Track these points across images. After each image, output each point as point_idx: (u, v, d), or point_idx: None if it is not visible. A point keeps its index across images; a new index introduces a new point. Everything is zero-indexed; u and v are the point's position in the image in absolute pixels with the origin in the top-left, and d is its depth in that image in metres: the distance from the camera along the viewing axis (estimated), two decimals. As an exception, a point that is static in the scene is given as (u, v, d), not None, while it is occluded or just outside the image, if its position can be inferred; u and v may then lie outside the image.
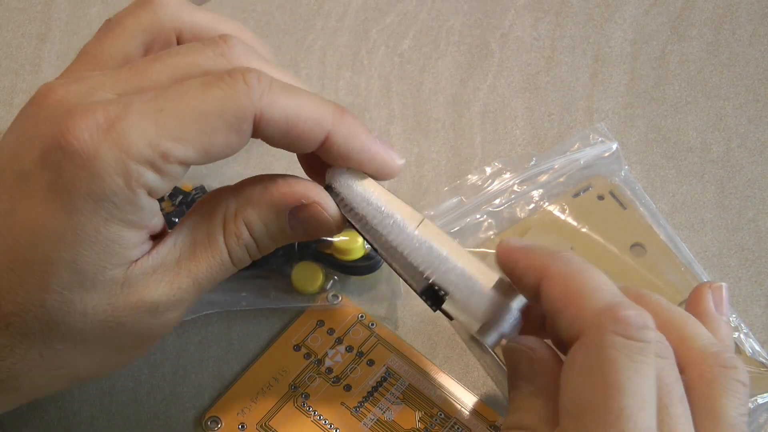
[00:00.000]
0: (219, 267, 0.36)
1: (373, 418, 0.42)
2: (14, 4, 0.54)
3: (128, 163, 0.33)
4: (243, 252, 0.37)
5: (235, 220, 0.36)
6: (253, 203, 0.36)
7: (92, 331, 0.35)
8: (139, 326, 0.36)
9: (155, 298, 0.35)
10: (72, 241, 0.33)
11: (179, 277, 0.36)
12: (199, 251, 0.36)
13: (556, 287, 0.35)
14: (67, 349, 0.35)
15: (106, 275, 0.34)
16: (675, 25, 0.54)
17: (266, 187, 0.36)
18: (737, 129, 0.51)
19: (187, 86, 0.34)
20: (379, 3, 0.55)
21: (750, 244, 0.47)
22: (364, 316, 0.44)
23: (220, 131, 0.34)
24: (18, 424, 0.42)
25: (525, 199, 0.47)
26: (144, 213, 0.34)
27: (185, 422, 0.43)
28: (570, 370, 0.33)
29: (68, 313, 0.34)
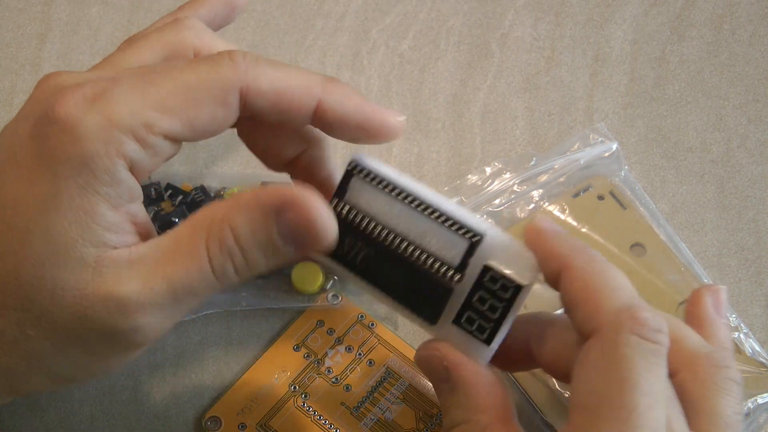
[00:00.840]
0: (197, 274, 0.34)
1: (373, 418, 0.42)
2: (14, 4, 0.54)
3: (111, 130, 0.33)
4: (226, 261, 0.34)
5: (220, 223, 0.34)
6: (241, 207, 0.35)
7: (62, 318, 0.34)
8: (107, 324, 0.34)
9: (124, 294, 0.34)
10: (49, 206, 0.33)
11: (153, 278, 0.34)
12: (178, 255, 0.34)
13: (576, 281, 0.35)
14: (39, 338, 0.34)
15: (77, 251, 0.34)
16: (675, 25, 0.54)
17: (257, 194, 0.35)
18: (737, 129, 0.51)
19: (174, 62, 0.35)
20: (379, 3, 0.55)
21: (750, 244, 0.47)
22: (364, 316, 0.45)
23: (205, 103, 0.34)
24: (18, 424, 0.42)
25: (525, 199, 0.47)
26: (122, 188, 0.34)
27: (185, 422, 0.43)
28: (584, 365, 0.34)
29: (39, 289, 0.34)
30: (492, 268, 0.35)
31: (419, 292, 0.36)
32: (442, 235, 0.36)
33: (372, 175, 0.37)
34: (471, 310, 0.36)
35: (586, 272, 0.35)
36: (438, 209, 0.36)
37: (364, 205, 0.37)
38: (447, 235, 0.36)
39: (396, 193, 0.37)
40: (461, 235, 0.36)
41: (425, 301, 0.36)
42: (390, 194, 0.37)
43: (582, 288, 0.34)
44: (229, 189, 0.46)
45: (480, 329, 0.36)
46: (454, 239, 0.36)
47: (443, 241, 0.36)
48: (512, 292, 0.35)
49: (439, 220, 0.36)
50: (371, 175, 0.37)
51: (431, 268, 0.36)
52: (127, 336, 0.34)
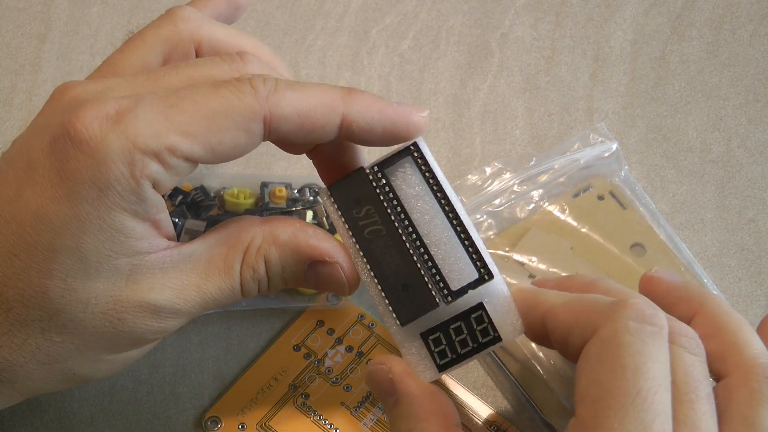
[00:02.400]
0: (228, 293, 0.37)
1: (373, 418, 0.42)
2: (14, 4, 0.54)
3: (134, 153, 0.33)
4: (254, 285, 0.37)
5: (257, 254, 0.37)
6: (279, 244, 0.37)
7: (92, 324, 0.35)
8: (138, 326, 0.36)
9: (159, 302, 0.35)
10: (76, 228, 0.34)
11: (187, 289, 0.36)
12: (212, 272, 0.36)
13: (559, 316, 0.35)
14: (64, 342, 0.35)
15: (111, 264, 0.34)
16: (675, 25, 0.54)
17: (296, 234, 0.37)
18: (737, 129, 0.51)
19: (197, 87, 0.35)
20: (379, 3, 0.55)
21: (750, 244, 0.47)
22: (364, 316, 0.45)
23: (227, 130, 0.34)
24: (18, 424, 0.42)
25: (525, 199, 0.47)
26: (147, 205, 0.34)
27: (185, 422, 0.43)
28: (584, 362, 0.34)
29: (70, 301, 0.34)
30: (485, 310, 0.36)
31: (406, 292, 0.37)
32: (458, 255, 0.37)
33: (424, 163, 0.37)
34: (443, 333, 0.37)
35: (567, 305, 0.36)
36: (466, 228, 0.37)
37: (401, 185, 0.38)
38: (463, 257, 0.37)
39: (436, 190, 0.37)
40: (475, 266, 0.37)
41: (407, 303, 0.37)
42: (430, 189, 0.37)
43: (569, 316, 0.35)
44: (229, 189, 0.46)
45: (441, 354, 0.37)
46: (467, 265, 0.37)
47: (456, 260, 0.37)
48: (490, 340, 0.36)
49: (462, 238, 0.37)
50: (423, 163, 0.37)
51: (431, 277, 0.37)
52: (156, 335, 0.36)
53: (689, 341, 0.34)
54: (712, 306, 0.37)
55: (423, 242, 0.37)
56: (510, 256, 0.45)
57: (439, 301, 0.36)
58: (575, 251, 0.46)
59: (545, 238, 0.46)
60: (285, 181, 0.46)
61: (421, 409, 0.36)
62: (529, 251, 0.45)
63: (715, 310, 0.37)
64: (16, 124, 0.50)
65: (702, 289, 0.38)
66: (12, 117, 0.50)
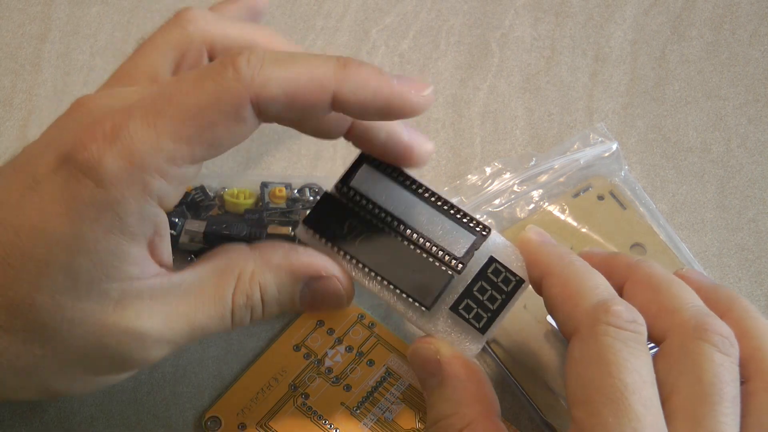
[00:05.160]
0: (217, 321, 0.37)
1: (373, 418, 0.42)
2: (14, 4, 0.54)
3: (133, 172, 0.33)
4: (246, 313, 0.37)
5: (250, 280, 0.37)
6: (273, 267, 0.37)
7: (75, 343, 0.35)
8: (121, 352, 0.35)
9: (145, 329, 0.35)
10: (71, 246, 0.33)
11: (175, 318, 0.36)
12: (202, 300, 0.36)
13: (555, 286, 0.36)
14: (45, 357, 0.35)
15: (101, 287, 0.34)
16: (675, 25, 0.54)
17: (288, 255, 0.37)
18: (737, 129, 0.51)
19: (181, 83, 0.34)
20: (379, 3, 0.55)
21: (750, 244, 0.47)
22: (364, 316, 0.44)
23: (219, 123, 0.34)
24: (17, 424, 0.42)
25: (525, 199, 0.47)
26: (147, 224, 0.34)
27: (185, 422, 0.43)
28: (571, 363, 0.34)
29: (56, 318, 0.34)
30: (497, 261, 0.37)
31: (417, 279, 0.37)
32: (450, 227, 0.38)
33: (380, 162, 0.38)
34: (470, 298, 0.37)
35: (563, 276, 0.36)
36: (446, 201, 0.38)
37: (371, 190, 0.38)
38: (455, 228, 0.38)
39: (403, 180, 0.38)
40: (470, 228, 0.38)
41: (423, 288, 0.37)
42: (397, 182, 0.38)
43: (560, 292, 0.36)
44: (229, 189, 0.46)
45: (477, 317, 0.37)
46: (462, 232, 0.38)
47: (451, 232, 0.38)
48: (514, 285, 0.37)
49: (447, 211, 0.38)
50: (379, 163, 0.38)
51: (434, 255, 0.37)
52: (137, 363, 0.36)
53: (722, 340, 0.34)
54: (740, 309, 0.37)
55: (414, 229, 0.38)
56: (510, 256, 0.45)
57: (451, 272, 0.37)
58: (575, 251, 0.46)
59: (545, 238, 0.46)
60: (285, 181, 0.46)
61: (466, 393, 0.36)
62: (529, 251, 0.45)
63: (741, 314, 0.36)
64: (16, 124, 0.50)
65: (731, 291, 0.38)
66: (12, 117, 0.50)
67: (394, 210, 0.38)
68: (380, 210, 0.38)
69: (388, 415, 0.42)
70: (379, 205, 0.38)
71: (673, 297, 0.36)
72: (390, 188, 0.38)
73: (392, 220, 0.38)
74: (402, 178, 0.38)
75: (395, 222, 0.38)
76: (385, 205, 0.38)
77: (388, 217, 0.38)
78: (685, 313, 0.35)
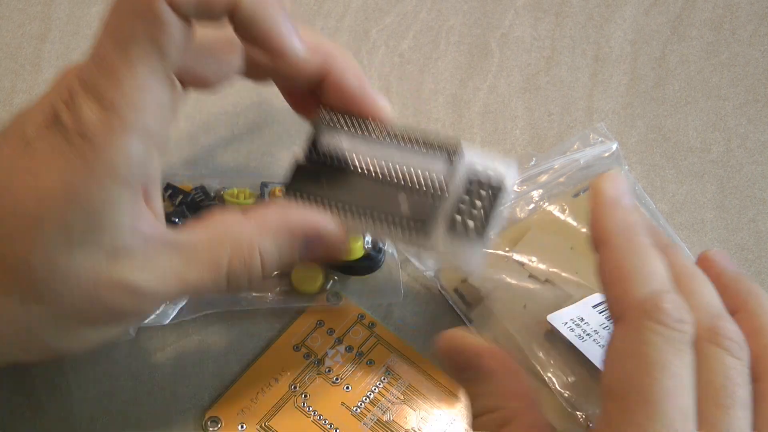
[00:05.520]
0: (211, 283, 0.37)
1: (373, 418, 0.42)
2: (14, 4, 0.54)
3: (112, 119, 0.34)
4: (244, 278, 0.37)
5: (249, 247, 0.37)
6: (270, 231, 0.38)
7: (70, 298, 0.35)
8: (115, 305, 0.36)
9: (138, 283, 0.36)
10: (63, 199, 0.34)
11: (169, 276, 0.36)
12: (196, 262, 0.37)
13: (609, 261, 0.35)
14: (42, 313, 0.36)
15: (95, 239, 0.35)
16: (675, 25, 0.54)
17: (283, 216, 0.38)
18: (737, 129, 0.51)
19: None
20: (379, 3, 0.55)
21: (750, 244, 0.47)
22: (364, 316, 0.44)
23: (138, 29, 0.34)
24: (18, 423, 0.42)
25: (525, 199, 0.47)
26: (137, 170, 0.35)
27: (185, 422, 0.43)
28: (612, 353, 0.34)
29: (51, 273, 0.35)
30: (475, 175, 0.39)
31: (407, 211, 0.39)
32: (422, 155, 0.40)
33: (336, 119, 0.40)
34: (460, 213, 0.39)
35: (621, 253, 0.35)
36: (412, 132, 0.40)
37: (338, 147, 0.40)
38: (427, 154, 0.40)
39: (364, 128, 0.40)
40: (441, 152, 0.39)
41: (416, 217, 0.39)
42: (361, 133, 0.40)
43: (614, 269, 0.35)
44: (229, 189, 0.46)
45: (471, 230, 0.39)
46: (435, 154, 0.40)
47: (425, 159, 0.39)
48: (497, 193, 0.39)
49: (415, 141, 0.40)
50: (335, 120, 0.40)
51: (417, 185, 0.39)
52: (131, 318, 0.37)
53: (732, 344, 0.34)
54: (756, 305, 0.36)
55: (389, 167, 0.39)
56: (510, 256, 0.45)
57: (437, 196, 0.39)
58: (575, 251, 0.46)
59: (545, 238, 0.46)
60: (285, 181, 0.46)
61: (508, 388, 0.36)
62: (529, 251, 0.45)
63: (757, 310, 0.36)
64: (16, 124, 0.50)
65: (750, 285, 0.37)
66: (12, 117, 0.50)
67: (366, 156, 0.40)
68: (354, 160, 0.40)
69: (388, 415, 0.42)
70: (351, 156, 0.40)
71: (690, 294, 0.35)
72: (355, 140, 0.40)
73: (367, 165, 0.39)
74: (362, 129, 0.40)
75: (371, 166, 0.39)
76: (356, 154, 0.40)
77: (362, 164, 0.40)
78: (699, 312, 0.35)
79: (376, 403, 0.42)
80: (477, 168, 0.39)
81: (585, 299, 0.43)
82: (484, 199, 0.39)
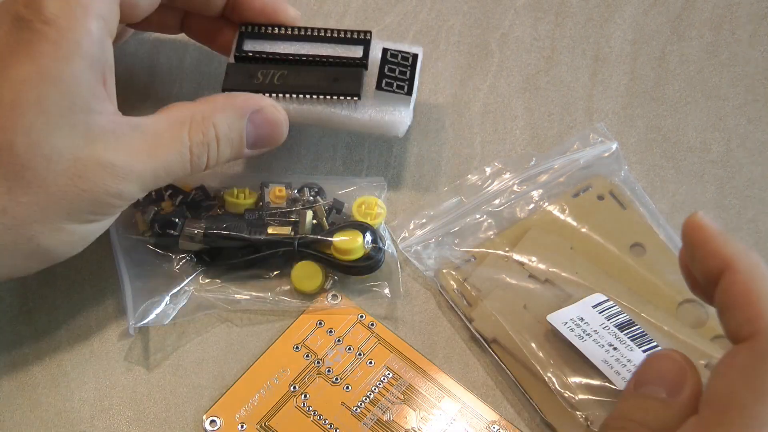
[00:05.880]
0: (178, 159, 0.40)
1: (373, 418, 0.42)
2: (14, 4, 0.54)
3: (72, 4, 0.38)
4: (203, 150, 0.41)
5: (203, 120, 0.41)
6: (219, 108, 0.42)
7: (55, 182, 0.37)
8: (97, 186, 0.38)
9: (115, 161, 0.38)
10: (36, 81, 0.37)
11: (140, 155, 0.39)
12: (161, 140, 0.40)
13: (739, 284, 0.34)
14: (29, 203, 0.37)
15: (70, 119, 0.37)
16: (675, 25, 0.54)
17: (229, 98, 0.43)
18: (737, 129, 0.51)
19: None
20: (379, 3, 0.55)
21: (750, 244, 0.47)
22: (364, 316, 0.45)
23: None
24: (18, 423, 0.42)
25: (525, 199, 0.47)
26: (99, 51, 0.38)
27: (185, 422, 0.43)
28: (727, 365, 0.33)
29: (35, 156, 0.37)
30: (390, 48, 0.46)
31: (338, 83, 0.45)
32: (338, 44, 0.46)
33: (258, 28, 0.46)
34: (385, 78, 0.45)
35: (751, 277, 0.34)
36: (326, 29, 0.46)
37: (263, 47, 0.46)
38: (342, 42, 0.46)
39: (284, 32, 0.46)
40: (356, 39, 0.46)
41: (345, 86, 0.45)
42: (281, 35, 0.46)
43: (744, 292, 0.34)
44: (228, 189, 0.46)
45: (399, 87, 0.45)
46: (350, 43, 0.46)
47: (342, 47, 0.46)
48: (412, 58, 0.46)
49: (331, 35, 0.46)
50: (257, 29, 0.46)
51: (342, 64, 0.46)
52: (112, 200, 0.39)
53: None
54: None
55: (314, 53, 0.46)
56: (510, 256, 0.45)
57: (361, 66, 0.45)
58: (575, 251, 0.46)
59: (545, 238, 0.46)
60: (285, 180, 0.46)
61: None
62: (529, 251, 0.45)
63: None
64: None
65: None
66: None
67: (290, 50, 0.46)
68: (280, 54, 0.46)
69: (388, 415, 0.42)
70: (277, 51, 0.46)
71: None
72: (277, 41, 0.46)
73: (293, 55, 0.46)
74: (281, 32, 0.46)
75: (297, 56, 0.46)
76: (281, 50, 0.46)
77: (289, 56, 0.46)
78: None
79: (376, 403, 0.42)
80: (391, 48, 0.46)
81: (585, 299, 0.43)
82: (402, 65, 0.46)
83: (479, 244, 0.46)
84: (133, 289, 0.44)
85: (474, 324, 0.44)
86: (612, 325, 0.42)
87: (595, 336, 0.42)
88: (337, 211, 0.46)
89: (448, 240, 0.46)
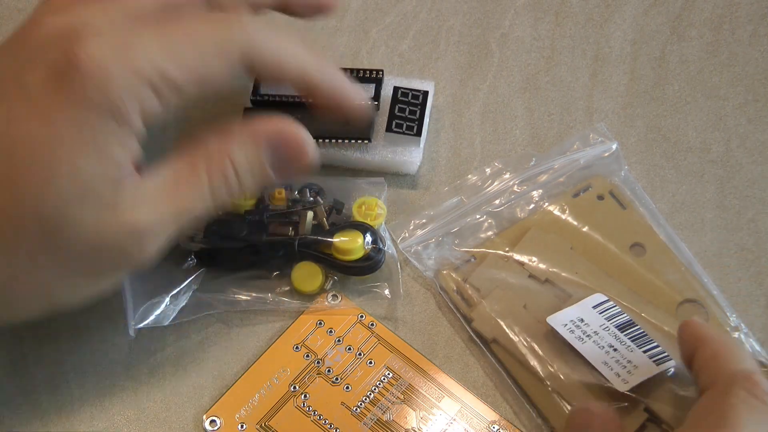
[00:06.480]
0: (198, 198, 0.38)
1: (373, 418, 0.42)
2: (14, 5, 0.54)
3: (133, 80, 0.35)
4: (222, 186, 0.39)
5: (218, 155, 0.38)
6: (234, 139, 0.39)
7: (77, 248, 0.36)
8: (119, 250, 0.37)
9: (138, 221, 0.37)
10: (73, 150, 0.35)
11: (161, 204, 0.37)
12: (181, 184, 0.38)
13: (707, 350, 0.39)
14: (50, 266, 0.36)
15: (99, 190, 0.36)
16: (675, 25, 0.54)
17: (245, 125, 0.40)
18: (737, 129, 0.51)
19: (186, 18, 0.38)
20: (379, 3, 0.55)
21: (750, 244, 0.47)
22: (364, 316, 0.45)
23: (211, 57, 0.37)
24: (18, 423, 0.42)
25: (525, 199, 0.47)
26: (135, 131, 0.36)
27: (185, 422, 0.43)
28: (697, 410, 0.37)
29: (60, 225, 0.35)
30: (401, 87, 0.48)
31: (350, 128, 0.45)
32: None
33: None
34: (396, 119, 0.47)
35: (719, 342, 0.39)
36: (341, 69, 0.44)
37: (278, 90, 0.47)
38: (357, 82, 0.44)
39: None
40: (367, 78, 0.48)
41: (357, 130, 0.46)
42: None
43: (711, 356, 0.39)
44: (229, 189, 0.46)
45: (409, 128, 0.47)
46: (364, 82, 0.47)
47: None
48: (422, 97, 0.48)
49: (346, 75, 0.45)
50: None
51: None
52: (135, 258, 0.38)
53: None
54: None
55: None
56: (510, 256, 0.45)
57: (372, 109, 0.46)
58: (575, 251, 0.46)
59: (545, 238, 0.46)
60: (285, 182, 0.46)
61: None
62: (529, 251, 0.45)
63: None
64: (17, 124, 0.50)
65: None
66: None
67: None
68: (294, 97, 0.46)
69: (388, 415, 0.42)
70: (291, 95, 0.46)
71: None
72: None
73: None
74: None
75: None
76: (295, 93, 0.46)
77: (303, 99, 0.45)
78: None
79: (376, 403, 0.42)
80: (402, 87, 0.47)
81: (585, 300, 0.43)
82: (413, 105, 0.47)
83: (479, 245, 0.46)
84: (133, 290, 0.44)
85: (474, 324, 0.44)
86: (612, 326, 0.42)
87: (595, 337, 0.42)
88: (337, 212, 0.46)
89: (448, 240, 0.46)
